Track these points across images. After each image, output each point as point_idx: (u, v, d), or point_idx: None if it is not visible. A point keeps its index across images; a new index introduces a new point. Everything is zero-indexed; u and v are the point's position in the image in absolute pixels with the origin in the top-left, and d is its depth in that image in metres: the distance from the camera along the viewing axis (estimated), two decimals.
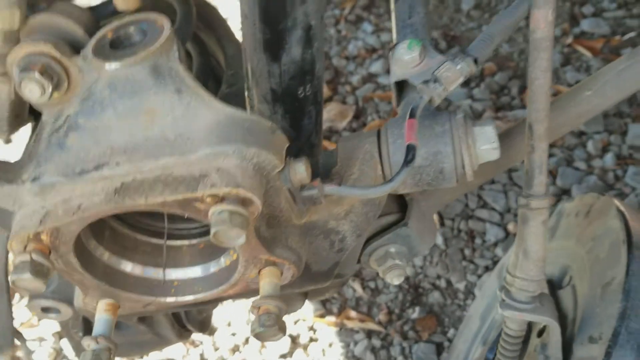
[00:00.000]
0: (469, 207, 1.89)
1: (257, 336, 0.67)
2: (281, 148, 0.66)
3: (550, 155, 1.98)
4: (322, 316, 1.69)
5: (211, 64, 1.24)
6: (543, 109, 0.82)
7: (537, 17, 0.79)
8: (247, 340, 1.67)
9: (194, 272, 0.75)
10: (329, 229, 0.77)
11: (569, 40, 2.32)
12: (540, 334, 1.06)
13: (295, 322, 1.68)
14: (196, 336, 1.66)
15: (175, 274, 0.75)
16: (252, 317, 0.71)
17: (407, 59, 0.79)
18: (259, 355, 1.64)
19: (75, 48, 0.66)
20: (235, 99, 1.10)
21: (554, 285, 1.14)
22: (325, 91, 2.29)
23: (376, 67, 2.29)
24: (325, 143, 2.15)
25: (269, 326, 0.66)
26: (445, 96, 0.77)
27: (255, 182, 0.62)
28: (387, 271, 0.99)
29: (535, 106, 0.81)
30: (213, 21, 1.23)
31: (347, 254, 0.93)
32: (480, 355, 1.31)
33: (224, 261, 0.74)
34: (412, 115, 0.73)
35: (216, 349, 1.65)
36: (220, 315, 1.70)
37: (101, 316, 0.71)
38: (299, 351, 1.63)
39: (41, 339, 1.63)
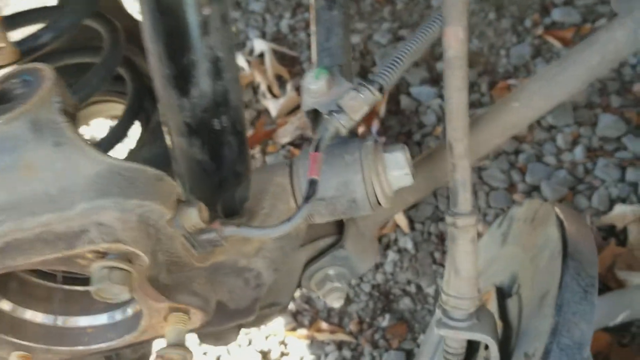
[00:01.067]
0: (439, 209, 1.87)
1: None
2: (169, 195, 0.65)
3: (520, 152, 1.96)
4: (293, 329, 1.68)
5: (148, 87, 1.23)
6: (461, 127, 0.80)
7: (448, 35, 0.78)
8: (218, 359, 1.66)
9: (104, 319, 0.74)
10: (240, 267, 0.76)
11: (540, 31, 2.29)
12: (487, 347, 1.05)
13: (267, 338, 1.68)
14: None
15: (87, 321, 0.74)
16: None
17: (313, 89, 0.77)
18: None
19: None
20: None
21: (504, 293, 1.12)
22: (296, 98, 2.27)
23: None
24: (297, 152, 2.14)
25: None
26: (352, 125, 0.75)
27: (139, 234, 0.61)
28: (327, 294, 0.98)
29: (453, 125, 0.80)
30: None
31: (282, 282, 0.92)
32: None
33: (130, 309, 0.73)
34: (316, 148, 0.72)
35: None
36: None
37: None
38: None
39: None
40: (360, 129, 2.08)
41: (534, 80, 0.91)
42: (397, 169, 0.77)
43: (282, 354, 1.64)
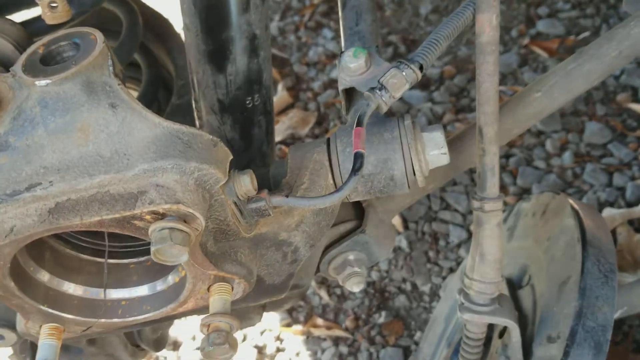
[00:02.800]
0: (432, 209, 1.89)
1: (207, 355, 0.65)
2: (224, 161, 0.64)
3: (510, 156, 2.00)
4: (288, 325, 1.67)
5: (162, 75, 1.22)
6: (492, 112, 0.82)
7: (481, 21, 0.79)
8: None
9: (141, 291, 0.73)
10: (281, 240, 0.76)
11: (526, 41, 2.34)
12: (502, 335, 1.06)
13: (262, 333, 1.66)
14: (161, 352, 1.63)
15: (122, 293, 0.73)
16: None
17: (353, 67, 0.78)
18: None
19: (5, 65, 0.64)
20: (185, 110, 1.08)
21: (514, 285, 1.14)
22: (287, 98, 2.28)
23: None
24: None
25: (218, 344, 0.64)
26: (392, 103, 0.76)
27: (197, 197, 0.60)
28: (346, 279, 0.98)
29: (484, 109, 0.81)
30: (163, 32, 1.21)
31: (304, 264, 0.92)
32: (446, 358, 1.31)
33: (172, 279, 0.71)
34: (359, 123, 0.72)
35: None
36: (184, 329, 1.67)
37: (44, 342, 0.69)
38: None
39: None
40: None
41: (554, 73, 0.93)
42: (435, 148, 0.78)
43: (278, 350, 1.63)
